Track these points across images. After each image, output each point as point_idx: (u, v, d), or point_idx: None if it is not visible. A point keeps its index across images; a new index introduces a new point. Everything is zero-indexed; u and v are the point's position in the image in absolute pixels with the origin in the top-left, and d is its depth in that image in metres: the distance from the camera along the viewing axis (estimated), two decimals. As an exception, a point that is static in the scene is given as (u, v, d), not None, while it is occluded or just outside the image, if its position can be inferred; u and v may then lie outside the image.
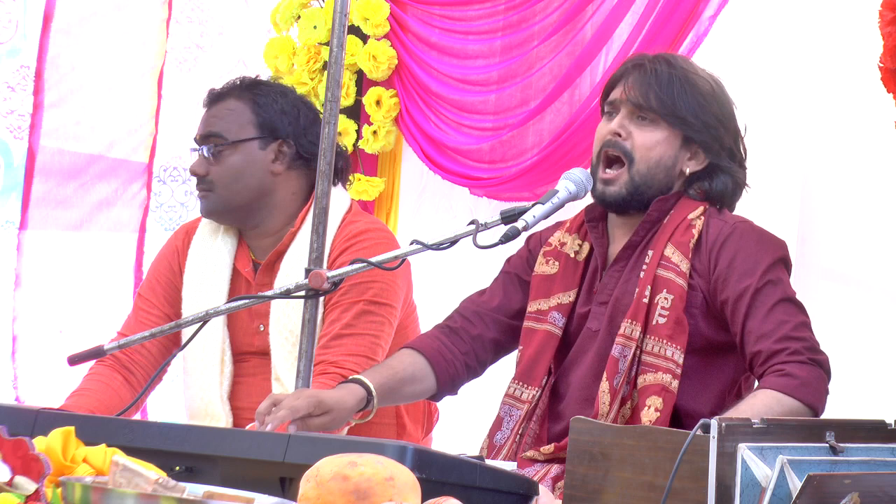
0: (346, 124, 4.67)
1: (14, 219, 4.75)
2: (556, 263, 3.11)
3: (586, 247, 3.11)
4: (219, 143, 3.45)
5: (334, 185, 3.50)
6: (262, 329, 3.45)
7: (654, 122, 3.02)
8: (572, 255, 3.11)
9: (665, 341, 2.91)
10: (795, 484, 2.03)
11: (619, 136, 3.02)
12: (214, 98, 3.52)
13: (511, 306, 3.15)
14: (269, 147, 3.45)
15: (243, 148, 3.45)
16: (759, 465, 2.06)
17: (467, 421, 3.73)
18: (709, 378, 2.97)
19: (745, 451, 2.05)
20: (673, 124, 3.02)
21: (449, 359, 3.11)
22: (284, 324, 3.38)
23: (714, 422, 2.05)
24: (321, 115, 3.56)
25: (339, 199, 3.51)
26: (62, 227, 4.83)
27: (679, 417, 2.90)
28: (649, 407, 2.88)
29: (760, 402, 2.71)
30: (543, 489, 2.37)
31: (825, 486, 2.00)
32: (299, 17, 4.70)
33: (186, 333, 3.24)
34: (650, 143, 3.02)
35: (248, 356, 3.50)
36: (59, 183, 4.79)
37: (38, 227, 4.78)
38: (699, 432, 2.08)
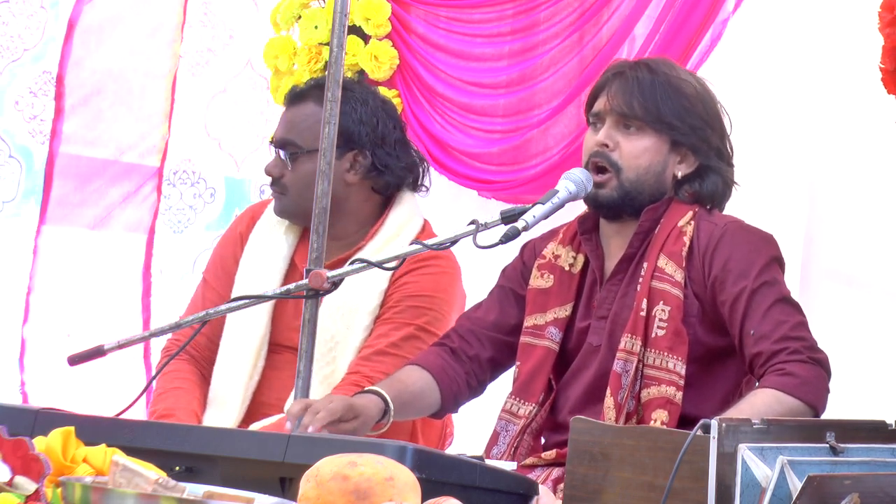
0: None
1: (32, 223, 4.77)
2: (551, 277, 3.10)
3: (581, 259, 3.10)
4: (295, 150, 3.43)
5: (408, 193, 3.51)
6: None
7: (641, 129, 3.01)
8: (567, 268, 3.09)
9: (665, 353, 2.90)
10: (795, 484, 2.03)
11: (607, 146, 3.01)
12: (295, 98, 3.50)
13: (507, 322, 3.14)
14: (345, 157, 3.41)
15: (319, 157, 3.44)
16: (759, 465, 2.05)
17: (469, 427, 3.73)
18: (711, 385, 2.96)
19: (745, 451, 2.05)
20: (659, 130, 3.00)
21: (452, 376, 3.10)
22: (327, 328, 3.35)
23: (714, 422, 2.05)
24: (401, 123, 3.56)
25: (413, 217, 3.50)
26: (77, 230, 4.85)
27: (684, 426, 2.88)
28: (655, 420, 2.87)
29: (761, 402, 2.71)
30: (544, 489, 2.37)
31: (825, 486, 2.00)
32: (300, 17, 4.70)
33: (230, 321, 3.34)
34: (637, 151, 3.00)
35: (282, 349, 3.48)
36: (76, 187, 4.81)
37: (54, 231, 4.80)
38: (699, 432, 2.08)
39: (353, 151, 3.43)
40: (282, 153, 3.45)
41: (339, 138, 3.38)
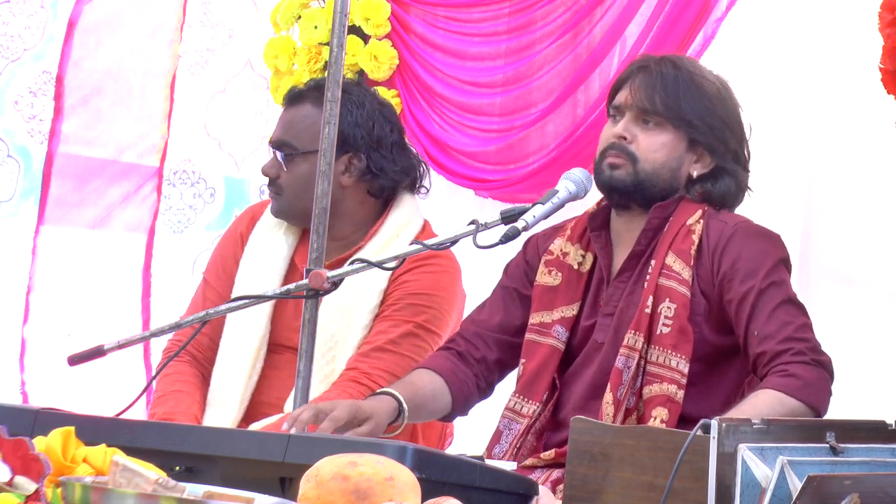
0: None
1: (31, 222, 4.78)
2: (559, 275, 3.09)
3: (589, 258, 3.09)
4: (290, 151, 3.44)
5: (408, 195, 3.51)
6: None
7: (660, 125, 3.01)
8: (575, 267, 3.09)
9: (669, 351, 2.90)
10: (796, 484, 2.03)
11: (624, 138, 3.01)
12: (293, 99, 3.51)
13: (513, 323, 3.13)
14: (340, 159, 3.39)
15: (313, 158, 3.40)
16: (759, 465, 2.05)
17: (468, 427, 3.73)
18: (714, 384, 2.96)
19: (745, 451, 2.05)
20: (678, 127, 3.00)
21: (462, 379, 3.09)
22: (327, 327, 3.35)
23: (714, 422, 2.05)
24: (400, 126, 3.56)
25: (413, 217, 3.50)
26: (76, 230, 4.85)
27: (685, 425, 2.88)
28: (655, 418, 2.87)
29: (763, 403, 2.71)
30: (543, 489, 2.37)
31: (825, 486, 2.00)
32: (300, 17, 4.70)
33: (230, 320, 3.32)
34: (655, 146, 3.00)
35: (282, 349, 3.48)
36: (75, 187, 4.82)
37: (53, 230, 4.81)
38: (699, 432, 2.08)
39: (347, 154, 3.43)
40: (278, 154, 3.46)
41: None
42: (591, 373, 3.00)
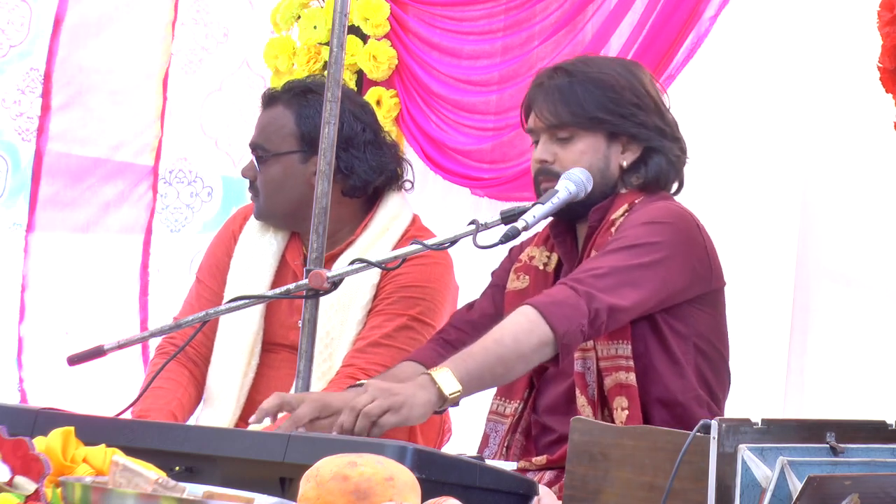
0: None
1: (21, 221, 4.77)
2: (527, 278, 3.11)
3: (554, 258, 3.10)
4: (262, 153, 3.47)
5: (394, 191, 3.52)
6: (300, 325, 3.44)
7: (573, 134, 3.01)
8: (541, 268, 3.11)
9: (610, 341, 2.91)
10: (796, 485, 2.03)
11: (547, 161, 3.02)
12: (267, 101, 3.53)
13: (503, 317, 3.14)
14: (310, 160, 3.41)
15: (284, 160, 3.45)
16: (759, 465, 2.06)
17: (467, 425, 3.73)
18: (663, 362, 2.94)
19: (745, 451, 2.05)
20: (590, 129, 3.00)
21: None
22: (322, 324, 3.35)
23: (714, 422, 2.05)
24: (374, 125, 3.56)
25: (402, 211, 3.51)
26: (69, 229, 4.85)
27: (657, 409, 2.91)
28: (617, 409, 2.89)
29: (512, 316, 2.75)
30: (544, 489, 2.37)
31: (825, 487, 2.00)
32: (299, 17, 4.71)
33: (224, 318, 3.32)
34: (575, 156, 3.00)
35: (278, 348, 3.49)
36: (67, 185, 4.81)
37: (45, 229, 4.80)
38: (699, 433, 2.08)
39: (316, 155, 3.44)
40: (254, 157, 3.48)
41: (303, 143, 3.42)
42: (564, 377, 3.01)
